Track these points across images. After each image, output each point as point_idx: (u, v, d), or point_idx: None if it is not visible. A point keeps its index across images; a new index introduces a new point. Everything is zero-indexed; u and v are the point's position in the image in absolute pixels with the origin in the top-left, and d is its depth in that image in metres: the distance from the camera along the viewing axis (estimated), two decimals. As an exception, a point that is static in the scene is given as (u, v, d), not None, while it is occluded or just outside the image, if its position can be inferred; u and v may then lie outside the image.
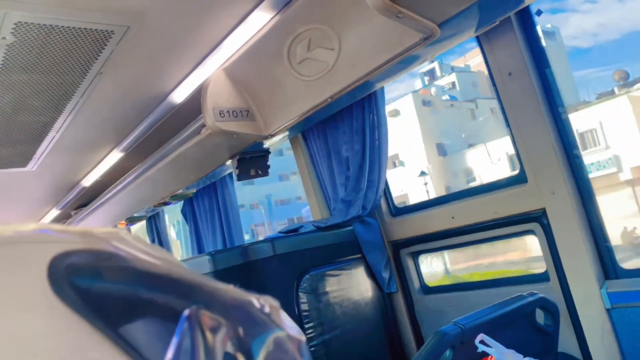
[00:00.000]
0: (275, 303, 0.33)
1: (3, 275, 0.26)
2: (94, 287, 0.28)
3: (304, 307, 2.43)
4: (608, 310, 2.05)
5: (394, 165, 34.01)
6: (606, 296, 2.04)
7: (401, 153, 34.57)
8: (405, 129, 34.16)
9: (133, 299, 0.29)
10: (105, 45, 1.99)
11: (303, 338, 0.33)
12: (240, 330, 0.30)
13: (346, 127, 2.76)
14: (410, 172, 32.12)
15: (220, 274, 2.23)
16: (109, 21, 1.84)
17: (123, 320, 0.28)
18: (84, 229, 0.31)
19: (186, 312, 0.29)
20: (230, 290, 0.32)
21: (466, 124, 36.14)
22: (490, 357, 1.56)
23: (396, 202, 2.98)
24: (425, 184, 29.08)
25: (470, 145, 33.42)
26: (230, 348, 0.29)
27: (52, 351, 0.25)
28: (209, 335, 0.29)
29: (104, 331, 0.27)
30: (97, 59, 2.09)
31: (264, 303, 0.33)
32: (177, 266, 0.32)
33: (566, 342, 2.14)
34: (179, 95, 2.51)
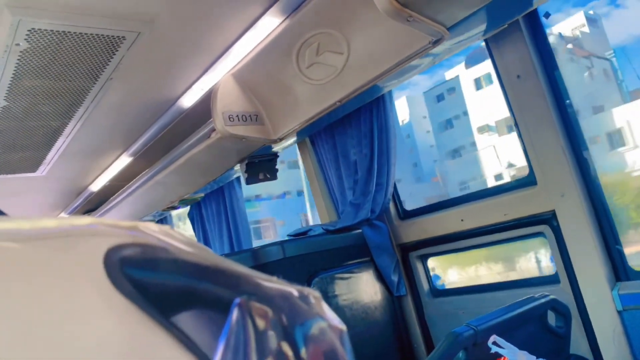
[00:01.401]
0: (317, 294, 0.34)
1: (64, 265, 0.27)
2: (146, 278, 0.29)
3: (314, 310, 2.43)
4: (619, 312, 2.04)
5: (510, 130, 28.98)
6: (617, 298, 2.04)
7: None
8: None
9: (184, 290, 0.30)
10: (117, 50, 2.01)
11: (344, 328, 0.34)
12: (285, 319, 0.31)
13: (354, 130, 2.77)
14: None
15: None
16: (121, 27, 1.86)
17: (175, 309, 0.29)
18: (132, 223, 0.32)
19: (236, 301, 0.30)
20: (275, 281, 0.33)
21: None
22: (503, 358, 1.56)
23: (516, 172, 2.90)
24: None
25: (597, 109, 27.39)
26: (278, 338, 0.30)
27: (112, 338, 0.26)
28: (259, 323, 0.30)
29: (158, 320, 0.28)
30: (108, 65, 2.11)
31: (307, 294, 0.34)
32: (220, 259, 0.33)
33: (577, 343, 2.14)
34: (189, 100, 2.53)
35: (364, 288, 2.72)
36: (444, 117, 37.08)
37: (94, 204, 4.33)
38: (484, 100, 32.47)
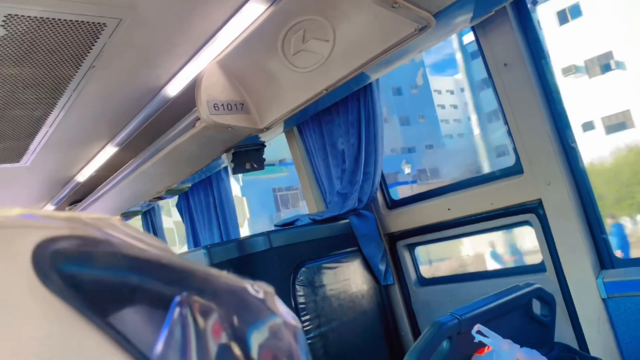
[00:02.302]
0: (270, 289, 0.33)
1: None
2: (81, 274, 0.27)
3: (301, 299, 2.42)
4: (604, 300, 2.05)
5: (606, 69, 23.59)
6: (602, 286, 2.05)
7: (619, 49, 22.94)
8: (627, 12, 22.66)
9: (122, 286, 0.28)
10: (98, 37, 1.97)
11: (299, 325, 0.32)
12: (235, 318, 0.30)
13: (342, 120, 2.75)
14: (636, 77, 21.70)
15: (216, 268, 2.22)
16: (101, 13, 1.82)
17: (112, 307, 0.27)
18: (70, 214, 0.29)
19: (177, 298, 0.28)
20: (224, 277, 0.31)
21: None
22: (487, 347, 1.56)
23: (610, 121, 2.72)
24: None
25: None
26: (224, 337, 0.29)
27: (40, 341, 0.24)
28: (201, 322, 0.28)
29: (92, 319, 0.26)
30: (89, 52, 2.07)
31: (258, 289, 0.32)
32: (168, 253, 0.31)
33: (562, 332, 2.15)
34: (173, 89, 2.49)
35: (352, 277, 2.71)
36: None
37: (80, 195, 4.28)
38: (569, 37, 24.60)
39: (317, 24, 2.04)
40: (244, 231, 24.63)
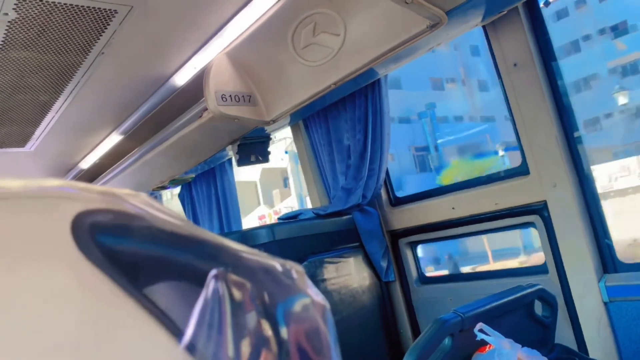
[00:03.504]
0: (300, 268, 0.33)
1: (29, 227, 0.25)
2: (118, 246, 0.27)
3: (302, 293, 2.43)
4: (606, 304, 2.06)
5: None
6: (604, 289, 2.05)
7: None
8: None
9: (158, 259, 0.28)
10: (108, 24, 1.97)
11: (327, 305, 0.33)
12: (266, 295, 0.30)
13: (348, 115, 2.75)
14: None
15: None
16: (113, 0, 1.81)
17: (147, 280, 0.27)
18: (106, 189, 0.30)
19: (213, 272, 0.28)
20: (256, 254, 0.32)
21: None
22: (488, 345, 1.56)
23: None
24: None
25: None
26: (257, 314, 0.29)
27: (76, 307, 0.24)
28: (237, 296, 0.28)
29: (128, 290, 0.26)
30: (99, 39, 2.07)
31: (289, 268, 0.32)
32: (200, 229, 0.31)
33: (563, 333, 2.15)
34: (181, 78, 2.49)
35: (353, 273, 2.72)
36: (566, 40, 25.66)
37: (83, 182, 4.28)
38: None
39: (329, 18, 2.04)
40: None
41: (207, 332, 0.27)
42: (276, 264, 0.32)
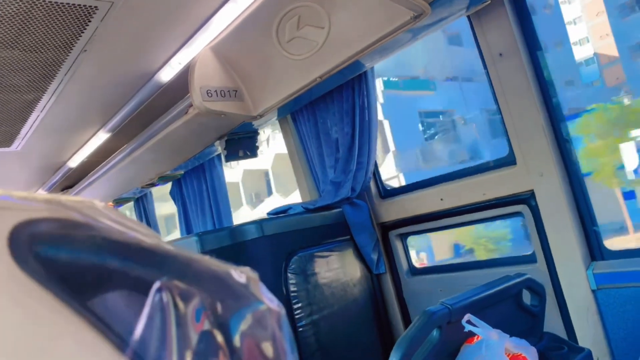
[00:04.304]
0: (254, 274, 0.32)
1: None
2: (59, 258, 0.26)
3: (293, 288, 2.43)
4: (594, 291, 2.07)
5: None
6: (592, 277, 2.06)
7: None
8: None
9: (102, 270, 0.27)
10: (89, 21, 1.94)
11: (282, 311, 0.32)
12: (217, 304, 0.29)
13: (336, 108, 2.74)
14: None
15: (208, 255, 2.22)
16: (92, -4, 1.79)
17: (91, 292, 0.27)
18: (50, 196, 0.29)
19: (157, 283, 0.27)
20: (207, 261, 0.31)
21: None
22: (476, 336, 1.57)
23: None
24: None
25: None
26: (206, 323, 0.28)
27: (16, 326, 0.24)
28: (181, 307, 0.27)
29: (71, 304, 0.25)
30: (81, 36, 2.04)
31: (241, 274, 0.31)
32: (150, 237, 0.30)
33: (552, 322, 2.17)
34: (166, 75, 2.47)
35: (344, 266, 2.72)
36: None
37: (72, 181, 4.25)
38: None
39: (312, 11, 2.02)
40: (387, 170, 19.26)
41: (152, 342, 0.26)
42: (230, 270, 0.31)
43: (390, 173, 19.33)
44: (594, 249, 2.13)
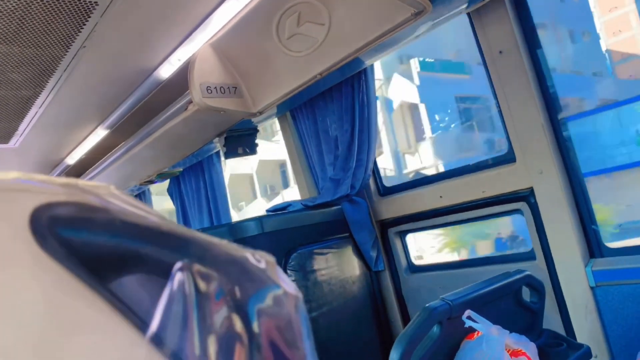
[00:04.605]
0: (271, 258, 0.32)
1: None
2: (80, 240, 0.26)
3: (292, 285, 2.43)
4: (592, 288, 2.08)
5: None
6: (591, 274, 2.07)
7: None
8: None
9: (122, 252, 0.27)
10: (89, 17, 1.93)
11: (299, 295, 0.32)
12: (236, 287, 0.29)
13: (335, 106, 2.74)
14: None
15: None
16: (93, -9, 1.78)
17: (112, 274, 0.27)
18: (68, 180, 0.29)
19: (178, 265, 0.27)
20: (224, 245, 0.31)
21: None
22: (476, 332, 1.57)
23: None
24: None
25: None
26: (225, 307, 0.28)
27: (37, 305, 0.24)
28: (202, 289, 0.27)
29: (92, 285, 0.25)
30: (80, 32, 2.03)
31: (259, 258, 0.31)
32: (167, 220, 0.30)
33: (551, 319, 2.18)
34: (166, 71, 2.46)
35: (343, 263, 2.72)
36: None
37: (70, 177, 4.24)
38: None
39: (313, 7, 2.02)
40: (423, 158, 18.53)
41: (173, 324, 0.26)
42: (247, 254, 0.31)
43: (427, 162, 18.29)
44: (593, 246, 2.14)
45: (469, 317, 1.52)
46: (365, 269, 2.82)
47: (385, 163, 18.25)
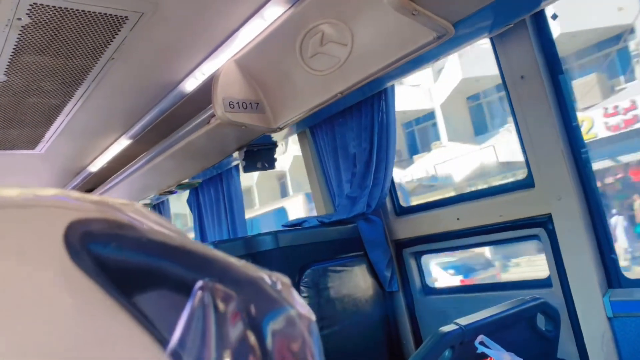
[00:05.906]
0: (287, 280, 0.33)
1: (22, 236, 0.26)
2: (109, 256, 0.28)
3: (305, 301, 2.43)
4: (610, 319, 2.04)
5: None
6: (609, 305, 2.03)
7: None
8: None
9: (147, 269, 0.29)
10: (119, 30, 2.00)
11: (313, 317, 0.33)
12: (252, 307, 0.30)
13: (354, 124, 2.76)
14: None
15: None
16: (124, 6, 1.84)
17: (137, 289, 0.28)
18: (100, 198, 0.31)
19: (199, 284, 0.29)
20: (243, 266, 0.32)
21: None
22: (489, 358, 1.56)
23: None
24: None
25: None
26: (240, 325, 0.29)
27: (66, 315, 0.25)
28: (221, 308, 0.29)
29: (118, 299, 0.27)
30: (110, 44, 2.09)
31: (275, 280, 0.33)
32: (190, 240, 0.32)
33: (566, 348, 2.14)
34: (190, 85, 2.51)
35: (356, 282, 2.71)
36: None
37: (91, 185, 4.32)
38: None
39: (336, 28, 2.05)
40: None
41: (192, 340, 0.28)
42: (264, 275, 0.33)
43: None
44: (612, 276, 2.10)
45: (481, 343, 1.51)
46: (378, 288, 2.81)
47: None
